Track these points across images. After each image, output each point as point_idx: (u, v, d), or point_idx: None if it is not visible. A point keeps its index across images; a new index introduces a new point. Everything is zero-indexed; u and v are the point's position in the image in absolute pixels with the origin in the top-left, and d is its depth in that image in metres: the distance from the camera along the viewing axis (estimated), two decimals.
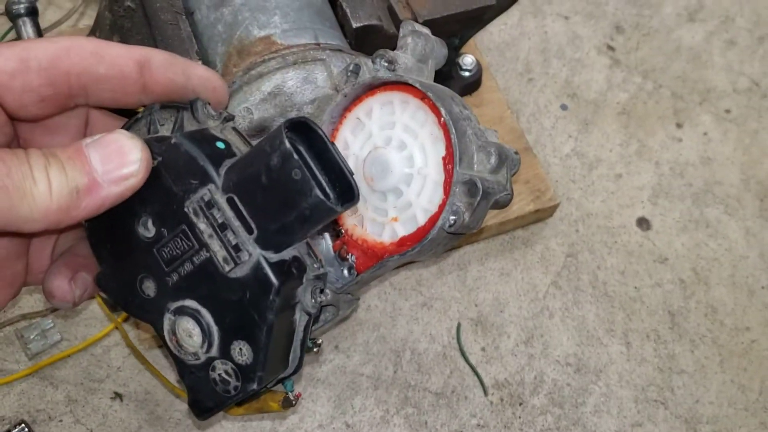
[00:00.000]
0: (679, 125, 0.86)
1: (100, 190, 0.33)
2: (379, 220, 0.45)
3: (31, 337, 0.68)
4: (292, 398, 0.41)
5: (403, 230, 0.43)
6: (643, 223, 0.80)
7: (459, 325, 0.72)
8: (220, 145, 0.36)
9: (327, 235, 0.52)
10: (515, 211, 0.73)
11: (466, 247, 0.76)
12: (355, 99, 0.46)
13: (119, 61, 0.35)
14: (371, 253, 0.46)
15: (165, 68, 0.36)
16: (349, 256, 0.48)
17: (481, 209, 0.41)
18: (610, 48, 0.90)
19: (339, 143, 0.47)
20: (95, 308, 0.70)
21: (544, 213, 0.76)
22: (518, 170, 0.45)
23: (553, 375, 0.71)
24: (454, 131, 0.41)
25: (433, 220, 0.42)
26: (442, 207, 0.41)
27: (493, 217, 0.72)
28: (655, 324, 0.74)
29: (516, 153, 0.44)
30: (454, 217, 0.40)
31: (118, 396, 0.67)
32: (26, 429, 0.64)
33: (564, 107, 0.86)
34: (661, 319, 0.75)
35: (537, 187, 0.74)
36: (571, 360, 0.72)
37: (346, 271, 0.49)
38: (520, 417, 0.69)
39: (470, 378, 0.70)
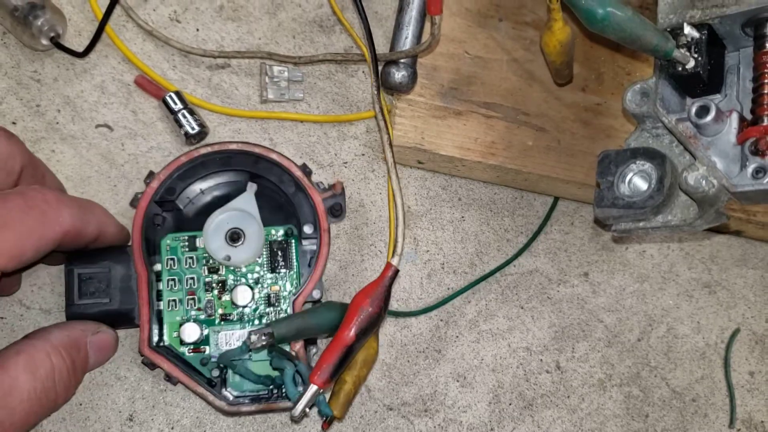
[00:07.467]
0: None
1: None
2: None
3: (273, 79, 0.57)
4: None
5: None
6: None
7: (736, 332, 0.56)
8: None
9: (735, 116, 0.39)
10: None
11: None
12: None
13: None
14: None
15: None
16: None
17: None
18: None
19: None
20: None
21: None
22: None
23: None
24: None
25: None
26: None
27: None
28: None
29: None
30: None
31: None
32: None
33: None
34: None
35: None
36: None
37: (750, 171, 0.37)
38: None
39: (721, 396, 0.55)
